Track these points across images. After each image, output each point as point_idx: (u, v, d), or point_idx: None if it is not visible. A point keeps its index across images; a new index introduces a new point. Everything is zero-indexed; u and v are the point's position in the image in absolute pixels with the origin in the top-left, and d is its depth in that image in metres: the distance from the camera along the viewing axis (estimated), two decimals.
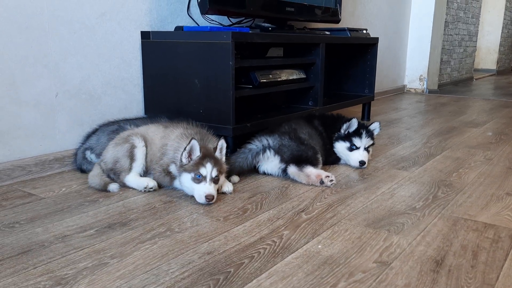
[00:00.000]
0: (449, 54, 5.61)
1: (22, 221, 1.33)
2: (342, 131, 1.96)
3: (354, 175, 1.84)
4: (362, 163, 1.92)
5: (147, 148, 1.66)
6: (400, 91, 4.87)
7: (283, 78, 2.26)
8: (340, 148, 1.96)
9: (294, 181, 1.75)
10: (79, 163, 1.80)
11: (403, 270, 1.09)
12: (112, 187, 1.58)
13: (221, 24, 2.42)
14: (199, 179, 1.47)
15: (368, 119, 3.05)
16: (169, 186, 1.63)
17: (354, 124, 1.93)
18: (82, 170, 1.79)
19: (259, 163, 1.79)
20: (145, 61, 2.10)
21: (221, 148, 1.56)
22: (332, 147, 1.98)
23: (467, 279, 1.05)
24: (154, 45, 2.05)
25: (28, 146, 1.75)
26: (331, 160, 2.00)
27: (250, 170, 1.80)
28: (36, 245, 1.18)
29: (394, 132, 2.72)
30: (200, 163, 1.47)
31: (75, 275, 1.04)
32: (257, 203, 1.51)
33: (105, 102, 1.99)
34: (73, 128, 1.89)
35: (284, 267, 1.09)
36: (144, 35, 2.07)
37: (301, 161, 1.75)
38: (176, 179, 1.57)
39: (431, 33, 4.72)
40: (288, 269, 1.08)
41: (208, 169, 1.47)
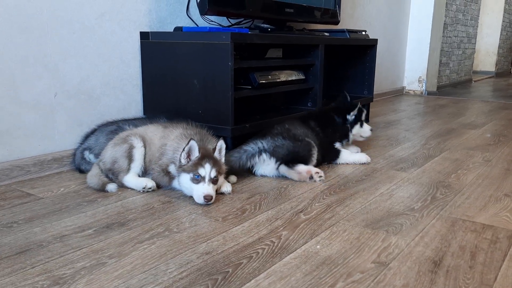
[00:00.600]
0: (448, 56, 5.62)
1: (20, 221, 1.33)
2: (349, 117, 2.08)
3: (353, 176, 1.85)
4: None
5: (146, 149, 1.66)
6: (399, 93, 4.88)
7: (282, 79, 2.26)
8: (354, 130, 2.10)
9: (293, 182, 1.75)
10: (78, 163, 1.80)
11: (401, 271, 1.09)
12: (110, 187, 1.58)
13: (220, 25, 2.42)
14: (198, 180, 1.47)
15: (367, 121, 3.05)
16: (168, 186, 1.63)
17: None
18: (81, 170, 1.79)
19: (255, 166, 1.79)
20: (144, 62, 2.10)
21: (220, 149, 1.56)
22: (330, 144, 2.02)
23: (465, 280, 1.05)
24: (153, 46, 2.05)
25: (27, 146, 1.75)
26: (330, 157, 2.02)
27: (242, 171, 1.78)
28: (34, 245, 1.18)
29: (393, 134, 2.72)
30: (199, 164, 1.47)
31: (73, 275, 1.03)
32: (256, 204, 1.51)
33: (104, 103, 2.00)
34: (72, 128, 1.89)
35: (283, 267, 1.09)
36: (143, 36, 2.07)
37: (296, 158, 1.76)
38: (175, 179, 1.57)
39: (430, 35, 4.73)
40: (287, 269, 1.08)
41: (207, 170, 1.47)
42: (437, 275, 1.07)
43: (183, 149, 1.50)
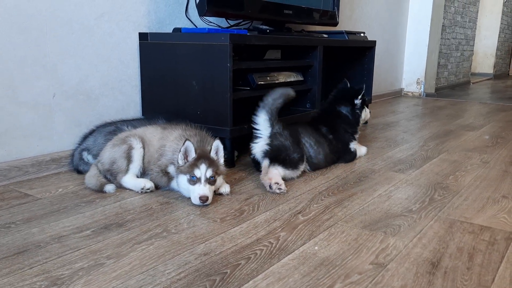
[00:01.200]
0: (447, 58, 5.63)
1: (18, 222, 1.33)
2: (357, 102, 2.08)
3: (351, 177, 1.85)
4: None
5: (145, 150, 1.66)
6: (398, 95, 4.89)
7: (281, 81, 2.27)
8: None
9: (291, 183, 1.75)
10: (76, 164, 1.80)
11: (399, 272, 1.09)
12: (108, 188, 1.58)
13: (219, 26, 2.43)
14: (194, 181, 1.47)
15: (366, 122, 3.05)
16: (166, 187, 1.63)
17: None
18: (79, 171, 1.79)
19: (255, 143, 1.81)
20: (143, 63, 2.10)
21: (217, 149, 1.56)
22: (346, 146, 2.05)
23: (463, 281, 1.05)
24: (152, 47, 2.05)
25: (25, 147, 1.75)
26: (347, 159, 2.07)
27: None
28: (32, 246, 1.18)
29: (391, 135, 2.73)
30: (195, 164, 1.47)
31: (71, 276, 1.03)
32: (254, 205, 1.51)
33: (103, 103, 1.99)
34: (70, 129, 1.89)
35: (281, 269, 1.09)
36: (142, 37, 2.08)
37: (281, 158, 1.75)
38: (173, 180, 1.57)
39: (429, 37, 4.74)
40: (285, 271, 1.08)
41: (202, 170, 1.47)
42: (435, 277, 1.07)
43: (179, 150, 1.51)
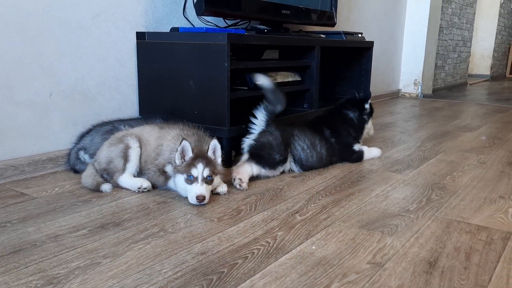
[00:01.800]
0: (444, 59, 5.64)
1: (14, 221, 1.32)
2: (367, 106, 2.11)
3: (349, 177, 1.85)
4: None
5: (142, 149, 1.65)
6: (395, 95, 4.90)
7: (279, 81, 2.27)
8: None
9: (289, 183, 1.75)
10: (73, 163, 1.79)
11: (396, 271, 1.09)
12: (105, 187, 1.58)
13: (217, 26, 2.42)
14: (191, 180, 1.47)
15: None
16: (163, 187, 1.62)
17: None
18: (76, 170, 1.78)
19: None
20: (140, 62, 2.09)
21: (215, 149, 1.55)
22: (350, 148, 2.05)
23: (460, 281, 1.05)
24: (150, 46, 2.05)
25: (22, 146, 1.74)
26: (353, 160, 2.08)
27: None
28: (28, 245, 1.17)
29: (389, 136, 2.73)
30: (192, 164, 1.47)
31: (67, 275, 1.03)
32: (251, 204, 1.51)
33: (99, 103, 1.99)
34: (67, 128, 1.88)
35: (278, 268, 1.09)
36: (140, 36, 2.07)
37: (261, 155, 1.75)
38: (171, 180, 1.57)
39: (426, 38, 4.75)
40: (282, 270, 1.08)
41: (199, 170, 1.46)
42: (432, 276, 1.07)
43: (177, 150, 1.50)
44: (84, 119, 1.93)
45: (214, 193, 1.58)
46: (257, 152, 1.76)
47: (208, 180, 1.48)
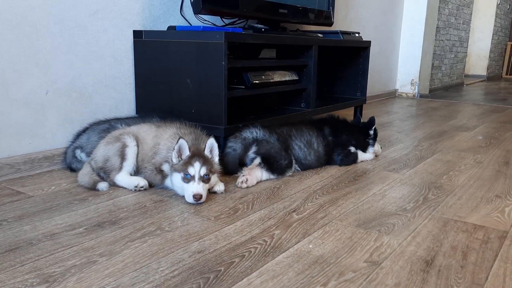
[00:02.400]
0: (440, 60, 5.66)
1: (10, 219, 1.31)
2: (371, 132, 2.11)
3: (346, 176, 1.85)
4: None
5: (139, 148, 1.65)
6: (392, 95, 4.90)
7: (276, 80, 2.26)
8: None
9: (286, 182, 1.75)
10: (69, 162, 1.78)
11: (393, 270, 1.09)
12: (101, 186, 1.57)
13: (214, 25, 2.42)
14: (188, 179, 1.46)
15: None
16: (160, 185, 1.62)
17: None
18: (72, 169, 1.77)
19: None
20: (137, 60, 2.09)
21: (212, 148, 1.55)
22: (345, 148, 2.04)
23: (457, 279, 1.06)
24: (147, 44, 2.04)
25: (17, 144, 1.73)
26: (347, 162, 2.04)
27: (241, 162, 1.79)
28: (24, 243, 1.16)
29: (386, 135, 2.73)
30: (189, 163, 1.47)
31: (63, 273, 1.02)
32: (249, 203, 1.51)
33: (96, 101, 1.98)
34: (63, 127, 1.87)
35: (275, 266, 1.09)
36: (137, 34, 2.06)
37: (271, 163, 1.75)
38: (167, 178, 1.56)
39: (423, 38, 4.76)
40: (279, 268, 1.08)
41: (196, 168, 1.46)
42: (429, 275, 1.07)
43: (173, 148, 1.50)
44: (81, 118, 1.92)
45: (211, 192, 1.58)
46: (266, 161, 1.77)
47: (205, 179, 1.48)
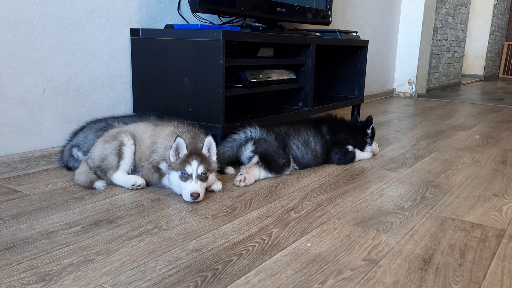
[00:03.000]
0: (438, 59, 5.67)
1: (6, 217, 1.30)
2: (368, 131, 2.11)
3: (344, 175, 1.85)
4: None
5: (136, 146, 1.64)
6: (389, 95, 4.91)
7: (273, 78, 2.26)
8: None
9: (284, 181, 1.75)
10: (66, 161, 1.77)
11: (391, 268, 1.09)
12: (98, 185, 1.56)
13: (212, 23, 2.42)
14: (186, 177, 1.46)
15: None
16: (158, 184, 1.61)
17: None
18: (69, 168, 1.76)
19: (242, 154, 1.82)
20: (135, 59, 2.08)
21: (209, 146, 1.55)
22: (343, 147, 2.03)
23: (455, 277, 1.05)
24: (144, 43, 2.04)
25: (14, 143, 1.72)
26: (345, 160, 2.04)
27: (238, 160, 1.83)
28: (20, 241, 1.16)
29: (383, 134, 2.73)
30: (186, 161, 1.46)
31: (60, 271, 1.02)
32: (246, 202, 1.50)
33: (93, 100, 1.97)
34: (60, 125, 1.86)
35: (273, 265, 1.08)
36: (134, 33, 2.06)
37: (269, 162, 1.76)
38: (165, 177, 1.56)
39: (420, 38, 4.77)
40: (277, 267, 1.08)
41: (194, 167, 1.45)
42: (427, 273, 1.07)
43: (171, 147, 1.49)
44: (78, 116, 1.92)
45: (209, 191, 1.57)
46: (264, 160, 1.77)
47: (203, 177, 1.48)
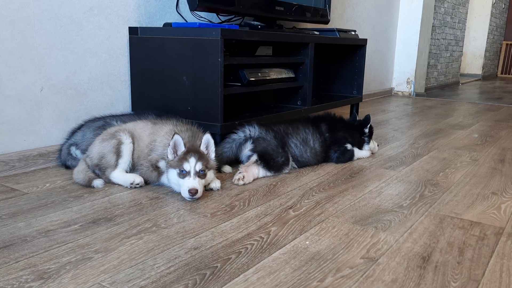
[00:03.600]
0: (436, 58, 5.67)
1: (4, 216, 1.30)
2: (366, 130, 2.11)
3: (342, 174, 1.84)
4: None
5: (134, 145, 1.64)
6: (388, 94, 4.91)
7: (272, 77, 2.26)
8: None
9: (282, 179, 1.74)
10: (64, 159, 1.77)
11: (390, 266, 1.09)
12: (97, 183, 1.56)
13: (210, 22, 2.41)
14: (184, 174, 1.46)
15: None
16: (156, 182, 1.61)
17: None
18: (67, 166, 1.76)
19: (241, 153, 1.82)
20: (133, 57, 2.08)
21: (208, 144, 1.54)
22: (342, 146, 2.02)
23: (453, 275, 1.05)
24: (142, 41, 2.03)
25: (12, 141, 1.72)
26: (344, 159, 2.03)
27: (237, 160, 1.83)
28: (18, 240, 1.15)
29: (382, 133, 2.73)
30: (184, 158, 1.46)
31: (58, 269, 1.01)
32: (245, 200, 1.50)
33: (91, 98, 1.97)
34: (58, 124, 1.86)
35: (272, 263, 1.08)
36: (132, 31, 2.05)
37: (267, 160, 1.76)
38: (164, 175, 1.56)
39: (419, 37, 4.77)
40: (276, 265, 1.07)
41: (192, 164, 1.45)
42: (426, 271, 1.07)
43: (169, 144, 1.49)
44: (76, 115, 1.91)
45: (207, 189, 1.57)
46: (263, 158, 1.77)
47: (201, 175, 1.47)
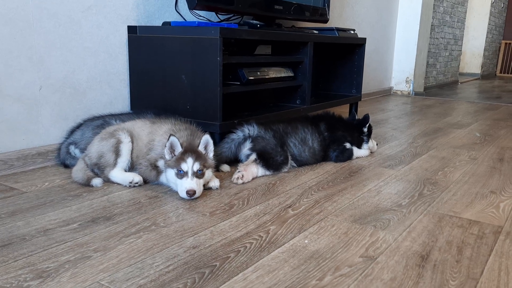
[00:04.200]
0: (435, 58, 5.67)
1: (3, 215, 1.30)
2: (364, 130, 2.10)
3: (341, 173, 1.85)
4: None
5: (133, 144, 1.64)
6: (387, 93, 4.91)
7: (271, 76, 2.26)
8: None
9: (281, 178, 1.75)
10: (63, 158, 1.77)
11: (389, 265, 1.09)
12: (95, 182, 1.56)
13: (209, 20, 2.41)
14: (182, 174, 1.46)
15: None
16: (155, 181, 1.61)
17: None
18: (66, 165, 1.76)
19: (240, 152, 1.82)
20: (132, 56, 2.07)
21: (206, 144, 1.54)
22: (341, 145, 2.02)
23: (452, 274, 1.06)
24: (141, 40, 2.03)
25: (11, 140, 1.72)
26: (343, 158, 2.03)
27: (236, 160, 1.83)
28: (17, 239, 1.15)
29: (381, 132, 2.73)
30: (181, 159, 1.46)
31: (57, 268, 1.01)
32: (244, 199, 1.50)
33: (90, 97, 1.97)
34: (57, 123, 1.86)
35: (271, 261, 1.08)
36: (131, 30, 2.05)
37: (267, 159, 1.76)
38: (162, 174, 1.56)
39: (418, 36, 4.77)
40: (275, 263, 1.07)
41: (189, 164, 1.45)
42: (425, 269, 1.07)
43: (165, 145, 1.49)
44: (75, 114, 1.91)
45: (206, 188, 1.57)
46: (262, 157, 1.77)
47: (199, 174, 1.47)
